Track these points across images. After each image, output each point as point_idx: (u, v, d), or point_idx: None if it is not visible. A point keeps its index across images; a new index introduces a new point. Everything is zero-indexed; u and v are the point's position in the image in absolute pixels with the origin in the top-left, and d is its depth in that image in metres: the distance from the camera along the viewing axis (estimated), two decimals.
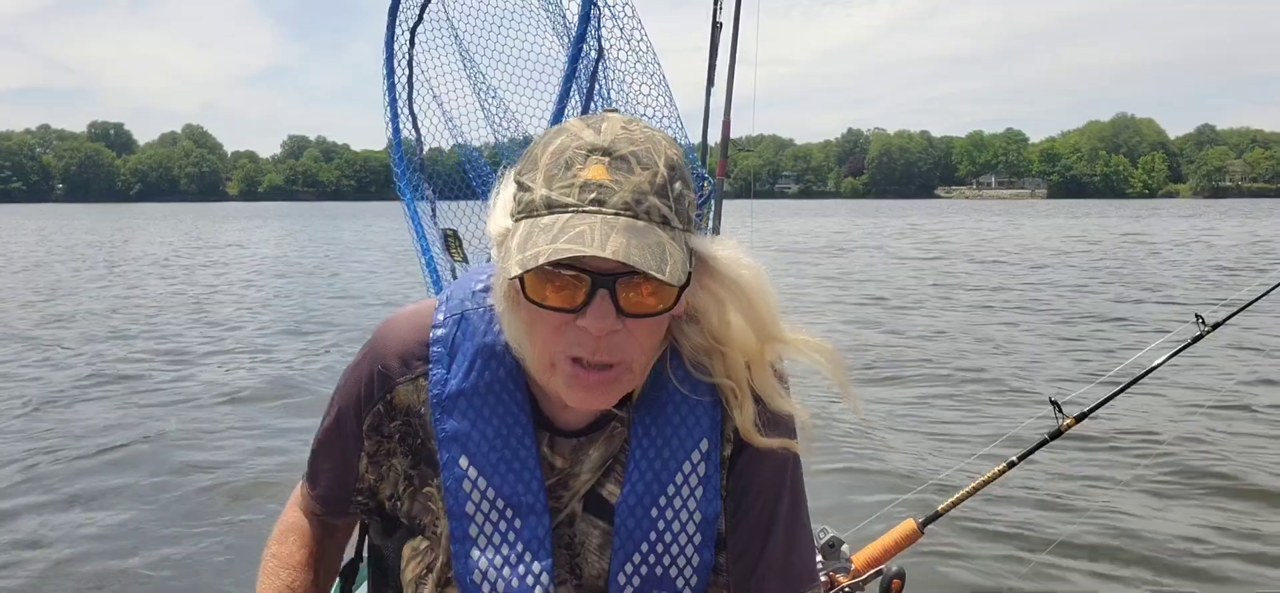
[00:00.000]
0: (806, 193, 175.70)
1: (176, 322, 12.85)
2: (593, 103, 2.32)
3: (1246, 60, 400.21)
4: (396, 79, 2.74)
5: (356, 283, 18.93)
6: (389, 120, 2.75)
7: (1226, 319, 3.32)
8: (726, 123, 2.85)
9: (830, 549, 2.41)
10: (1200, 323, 3.22)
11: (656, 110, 2.20)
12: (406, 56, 2.74)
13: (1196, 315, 3.24)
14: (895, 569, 2.38)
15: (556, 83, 2.40)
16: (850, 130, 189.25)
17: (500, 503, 1.15)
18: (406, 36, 2.73)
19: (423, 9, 2.70)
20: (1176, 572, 4.26)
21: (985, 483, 2.89)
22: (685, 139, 2.30)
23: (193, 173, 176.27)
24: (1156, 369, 3.26)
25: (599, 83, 2.31)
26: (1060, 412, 2.95)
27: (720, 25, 2.87)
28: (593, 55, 2.29)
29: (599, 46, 2.27)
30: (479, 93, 2.63)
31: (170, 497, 5.34)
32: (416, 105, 2.77)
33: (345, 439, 1.25)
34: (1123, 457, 5.87)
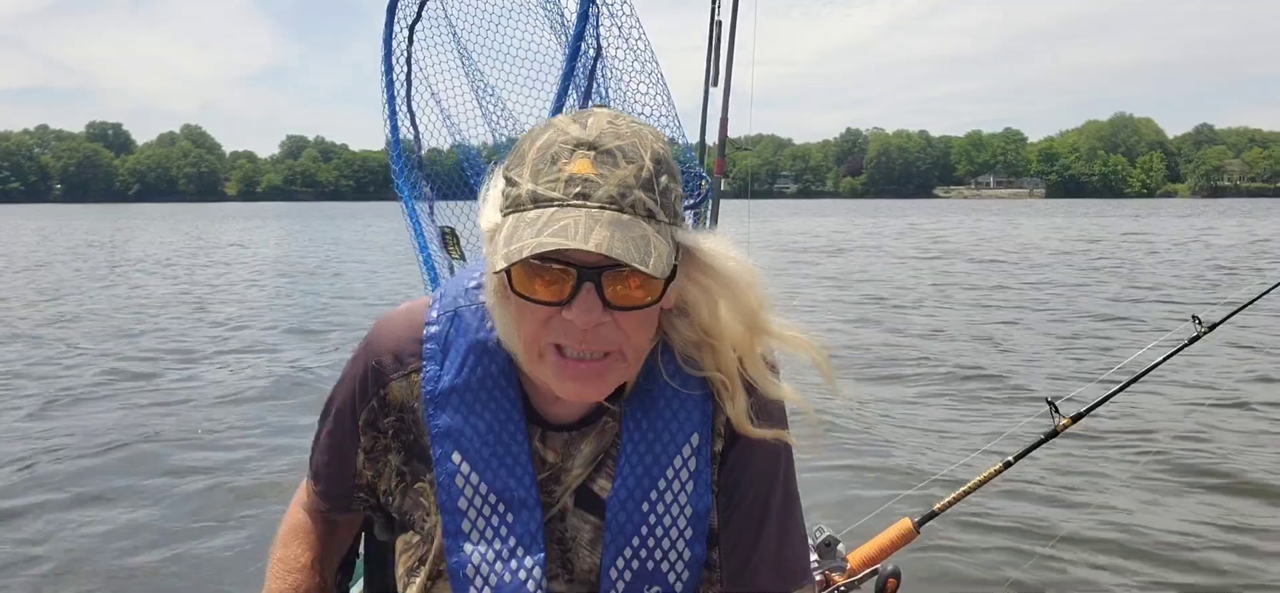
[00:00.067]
0: (805, 193, 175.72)
1: (181, 321, 12.85)
2: (591, 102, 2.32)
3: (1245, 60, 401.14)
4: (395, 76, 2.74)
5: (360, 282, 18.94)
6: (387, 118, 2.76)
7: (1223, 320, 3.34)
8: (723, 121, 2.86)
9: (826, 548, 2.42)
10: (1197, 324, 3.24)
11: (654, 109, 2.20)
12: (405, 54, 2.74)
13: (1193, 317, 3.26)
14: (891, 568, 2.40)
15: (555, 81, 2.40)
16: (849, 130, 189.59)
17: (493, 498, 1.16)
18: (405, 34, 2.73)
19: (421, 6, 2.70)
20: (1173, 572, 4.27)
21: (981, 483, 2.89)
22: (683, 138, 2.31)
23: (191, 173, 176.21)
24: (1153, 370, 3.27)
25: (597, 81, 2.31)
26: (1056, 412, 2.96)
27: (720, 23, 2.88)
28: (591, 54, 2.29)
29: (597, 45, 2.27)
30: (477, 91, 2.63)
31: (177, 496, 5.34)
32: (415, 103, 2.77)
33: (342, 436, 1.26)
34: (1119, 456, 5.87)
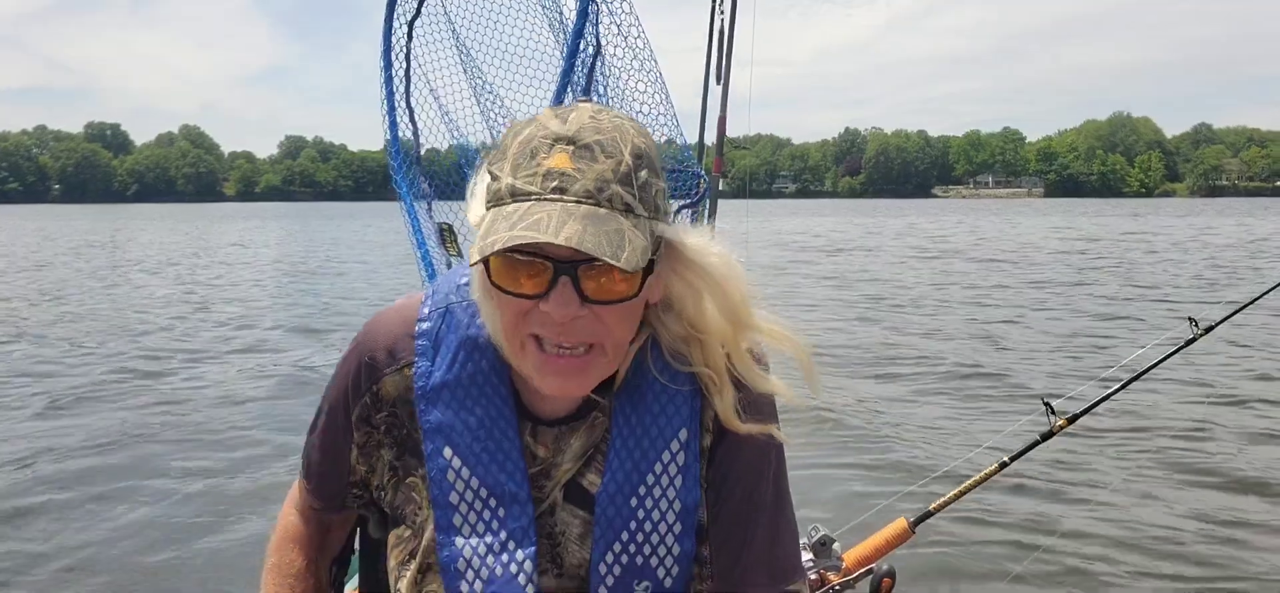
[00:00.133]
0: (804, 192, 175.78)
1: (185, 321, 12.85)
2: (590, 100, 2.32)
3: (1244, 60, 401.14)
4: (394, 72, 2.74)
5: (362, 281, 18.94)
6: (386, 113, 2.75)
7: (1219, 323, 3.35)
8: (722, 119, 2.86)
9: (821, 547, 2.42)
10: (1193, 326, 3.25)
11: (653, 108, 2.21)
12: (404, 49, 2.74)
13: (1190, 319, 3.27)
14: (886, 568, 2.39)
15: (553, 79, 2.40)
16: (847, 130, 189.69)
17: (484, 492, 1.16)
18: (404, 29, 2.73)
19: (421, 2, 2.69)
20: (1169, 571, 4.28)
21: (977, 483, 2.90)
22: (681, 138, 2.31)
23: (190, 173, 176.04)
24: (1149, 371, 3.28)
25: (596, 80, 2.31)
26: (1052, 413, 2.97)
27: (723, 17, 2.88)
28: (590, 52, 2.29)
29: (597, 43, 2.27)
30: (475, 89, 2.63)
31: (181, 495, 5.34)
32: (413, 100, 2.77)
33: (336, 433, 1.27)
34: (1115, 457, 5.88)
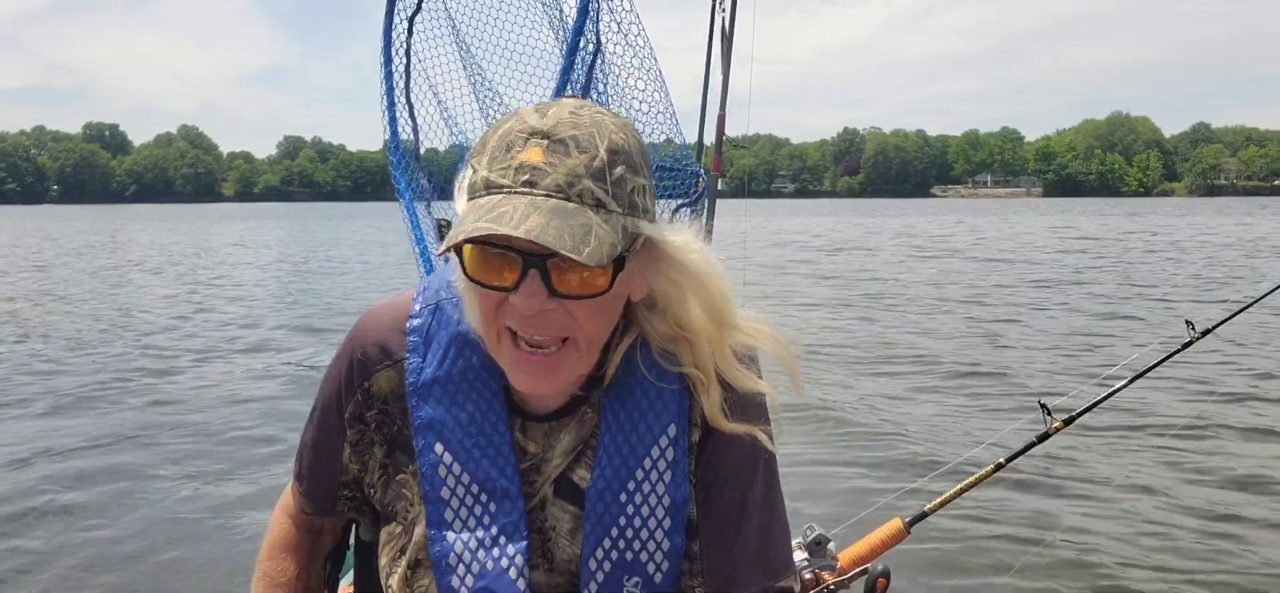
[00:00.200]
0: (802, 192, 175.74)
1: (188, 321, 12.87)
2: (589, 99, 2.32)
3: (1242, 60, 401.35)
4: (394, 67, 2.74)
5: (363, 281, 18.96)
6: (386, 109, 2.75)
7: (1216, 326, 3.35)
8: (721, 118, 2.86)
9: (816, 547, 2.40)
10: (1190, 329, 3.25)
11: (652, 107, 2.21)
12: (404, 46, 2.73)
13: (1187, 322, 3.27)
14: (881, 568, 2.38)
15: (553, 77, 2.40)
16: (846, 129, 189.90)
17: (475, 488, 1.17)
18: (404, 25, 2.72)
19: None
20: (1166, 570, 4.29)
21: (972, 484, 2.90)
22: (680, 137, 2.31)
23: (188, 174, 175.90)
24: (1145, 374, 3.28)
25: (596, 78, 2.31)
26: (1049, 415, 2.96)
27: (724, 15, 2.88)
28: (590, 50, 2.29)
29: (597, 41, 2.27)
30: (475, 86, 2.63)
31: (182, 495, 5.35)
32: (413, 96, 2.77)
33: (329, 432, 1.27)
34: (1112, 455, 5.89)
